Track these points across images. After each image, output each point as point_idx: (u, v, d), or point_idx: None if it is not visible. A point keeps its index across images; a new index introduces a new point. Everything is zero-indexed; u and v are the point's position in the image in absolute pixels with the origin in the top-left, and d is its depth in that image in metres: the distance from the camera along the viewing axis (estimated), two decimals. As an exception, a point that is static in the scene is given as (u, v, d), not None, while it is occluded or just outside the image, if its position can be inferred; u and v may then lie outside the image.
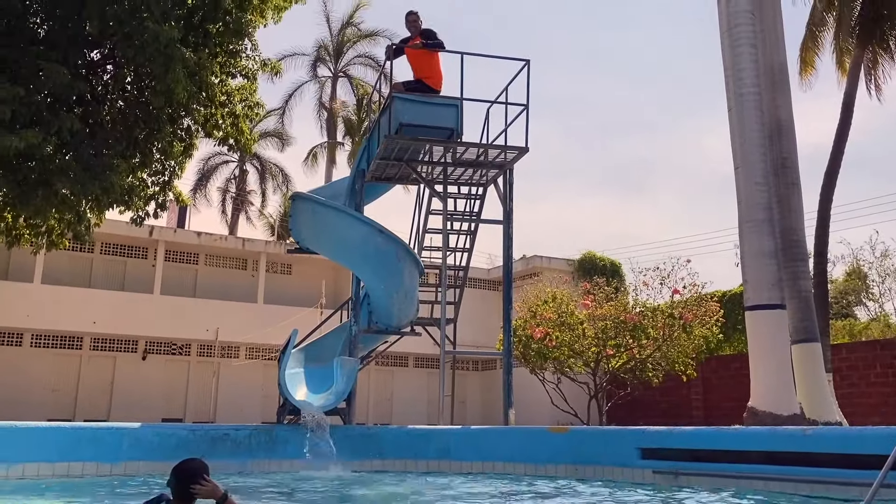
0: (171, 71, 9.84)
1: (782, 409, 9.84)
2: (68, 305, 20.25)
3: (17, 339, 20.66)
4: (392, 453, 8.18)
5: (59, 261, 20.51)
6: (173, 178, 13.15)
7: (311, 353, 10.21)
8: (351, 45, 32.90)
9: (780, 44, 12.62)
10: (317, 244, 9.64)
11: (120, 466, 7.16)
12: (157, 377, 22.07)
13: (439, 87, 9.58)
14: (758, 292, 10.27)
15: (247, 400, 21.98)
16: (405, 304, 9.51)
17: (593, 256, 25.08)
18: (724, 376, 20.29)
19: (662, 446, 6.60)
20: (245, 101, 12.84)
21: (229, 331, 22.10)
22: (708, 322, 14.77)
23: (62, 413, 20.29)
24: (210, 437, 7.67)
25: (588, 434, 7.64)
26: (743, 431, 6.26)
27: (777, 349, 10.03)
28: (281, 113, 32.89)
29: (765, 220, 10.47)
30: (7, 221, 12.42)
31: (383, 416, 24.24)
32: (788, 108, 12.56)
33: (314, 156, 33.27)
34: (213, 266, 24.14)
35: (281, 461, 7.89)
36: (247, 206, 34.77)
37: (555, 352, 14.78)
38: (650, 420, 20.86)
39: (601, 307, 14.89)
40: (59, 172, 9.76)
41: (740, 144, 10.74)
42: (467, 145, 9.41)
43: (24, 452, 6.90)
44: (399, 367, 25.37)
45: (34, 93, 9.37)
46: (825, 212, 16.83)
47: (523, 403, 20.48)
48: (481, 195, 10.49)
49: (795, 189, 12.34)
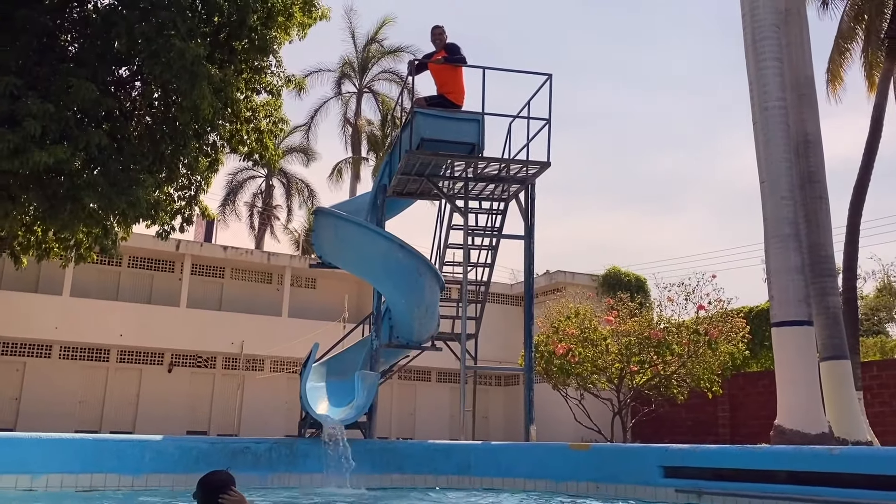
0: (196, 87, 10.00)
1: (810, 427, 9.66)
2: (96, 318, 20.55)
3: (46, 351, 20.99)
4: (411, 468, 8.13)
5: (88, 274, 20.84)
6: (199, 193, 13.33)
7: (333, 366, 10.23)
8: (376, 62, 33.19)
9: (807, 57, 12.50)
10: (338, 259, 9.67)
11: (142, 479, 7.19)
12: (182, 390, 22.28)
13: (461, 102, 9.60)
14: (784, 308, 10.12)
15: (271, 413, 22.10)
16: (426, 319, 9.50)
17: (618, 272, 24.92)
18: (751, 393, 19.97)
19: (685, 464, 6.49)
20: (270, 116, 13.01)
21: (254, 344, 22.27)
22: (734, 338, 14.56)
23: (89, 424, 20.54)
24: (230, 451, 7.69)
25: (609, 451, 7.54)
26: (767, 450, 6.14)
27: (804, 366, 9.85)
28: (306, 129, 33.25)
29: (791, 234, 10.32)
30: (37, 235, 12.67)
31: (406, 430, 24.20)
32: (815, 122, 12.42)
33: (339, 171, 33.54)
34: (239, 280, 24.37)
35: (301, 475, 7.88)
36: (273, 220, 35.10)
37: (578, 368, 14.66)
38: (676, 437, 20.58)
39: (625, 323, 14.75)
40: (86, 187, 9.94)
41: (765, 158, 10.63)
42: (488, 160, 9.40)
43: (48, 463, 6.96)
44: (422, 382, 25.34)
45: (63, 109, 9.56)
46: (854, 226, 16.56)
47: (547, 420, 20.40)
48: (503, 210, 10.47)
49: (823, 203, 12.16)
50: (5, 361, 20.51)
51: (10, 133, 9.12)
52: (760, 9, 10.90)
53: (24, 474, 6.80)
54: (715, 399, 17.92)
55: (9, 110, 9.32)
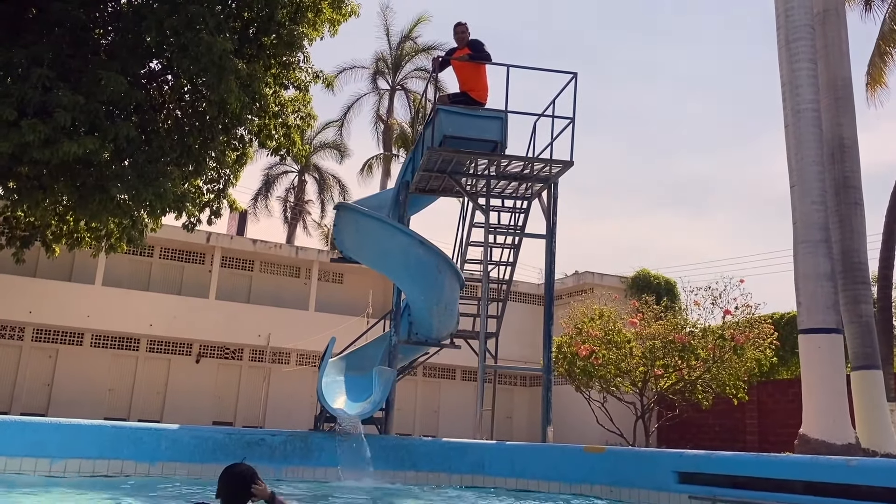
0: (224, 82, 10.10)
1: (836, 437, 9.43)
2: (127, 307, 20.90)
3: (78, 339, 21.40)
4: (426, 465, 8.12)
5: (120, 264, 21.20)
6: (228, 186, 13.47)
7: (352, 361, 10.27)
8: (409, 59, 33.20)
9: (845, 59, 12.20)
10: (359, 254, 9.69)
11: (157, 467, 7.29)
12: (209, 380, 22.56)
13: (485, 99, 9.55)
14: (812, 315, 9.90)
15: (295, 405, 22.26)
16: (445, 317, 9.48)
17: (647, 274, 24.64)
18: (780, 401, 19.58)
19: (700, 471, 6.38)
20: (298, 112, 13.09)
21: (281, 337, 22.45)
22: (761, 345, 14.29)
23: (117, 412, 20.90)
24: (246, 442, 7.75)
25: (624, 455, 7.43)
26: (784, 459, 6.00)
27: (832, 375, 9.63)
28: (339, 125, 33.41)
29: (821, 240, 10.09)
30: (68, 224, 12.92)
31: (430, 427, 24.21)
32: (852, 126, 12.12)
33: (369, 167, 33.65)
34: (268, 273, 24.59)
35: (315, 468, 7.91)
36: (305, 215, 35.34)
37: (601, 370, 14.51)
38: (702, 443, 20.28)
39: (649, 326, 14.57)
40: (114, 178, 10.10)
41: (796, 162, 10.40)
42: (511, 158, 9.34)
43: (67, 449, 7.09)
44: (446, 380, 25.33)
45: (94, 101, 9.72)
46: (891, 233, 16.19)
47: (569, 422, 20.28)
48: (525, 209, 10.40)
49: (858, 209, 11.87)
50: (39, 348, 20.96)
51: (42, 124, 9.30)
52: (795, 9, 10.68)
53: (44, 458, 6.94)
54: (743, 406, 17.60)
55: (41, 101, 9.51)
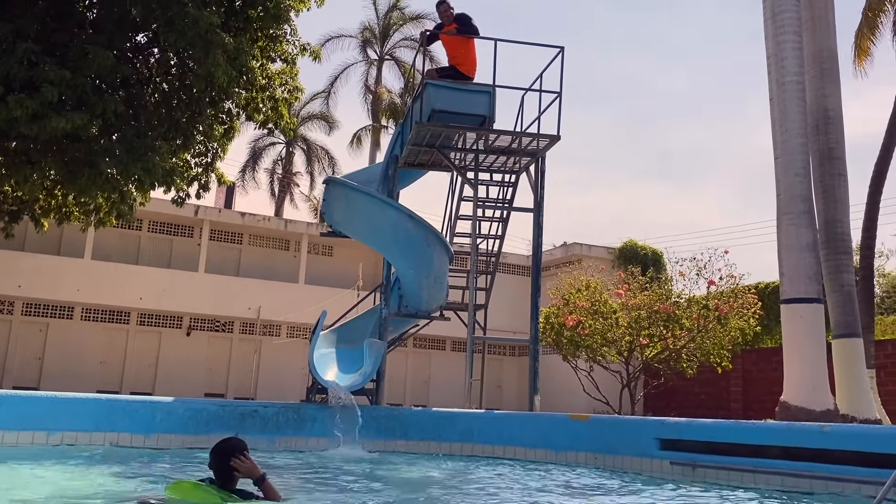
0: (211, 55, 10.05)
1: (815, 404, 9.69)
2: (116, 281, 20.94)
3: (68, 313, 21.45)
4: (416, 435, 8.32)
5: (109, 238, 21.18)
6: (216, 160, 13.46)
7: (343, 334, 10.41)
8: (397, 28, 32.93)
9: (831, 31, 12.27)
10: (349, 228, 9.79)
11: (153, 438, 7.44)
12: (200, 353, 22.70)
13: (473, 73, 9.59)
14: (794, 285, 10.10)
15: (287, 377, 22.45)
16: (434, 289, 9.62)
17: (634, 245, 24.84)
18: (764, 369, 19.95)
19: (681, 438, 6.59)
20: (285, 85, 13.04)
21: (271, 310, 22.58)
22: (745, 314, 14.54)
23: (110, 385, 21.04)
24: (239, 414, 7.91)
25: (608, 423, 7.65)
26: (760, 426, 6.21)
27: (812, 344, 9.86)
28: (326, 96, 33.17)
29: (804, 212, 10.26)
30: (57, 199, 12.91)
31: (420, 397, 24.51)
32: (837, 97, 12.23)
33: (358, 139, 33.51)
34: (257, 246, 24.62)
35: (308, 439, 8.09)
36: (292, 187, 35.22)
37: (587, 340, 14.74)
38: (687, 411, 20.65)
39: (635, 297, 14.78)
40: (103, 153, 10.09)
41: (781, 134, 10.53)
42: (498, 133, 9.42)
43: (63, 421, 7.22)
44: (437, 350, 25.58)
45: (80, 75, 9.67)
46: (874, 204, 16.35)
47: (557, 390, 20.58)
48: (513, 182, 10.50)
49: (842, 180, 12.03)
50: (29, 322, 21.00)
51: (29, 99, 9.26)
52: (781, -19, 10.71)
53: (41, 431, 7.08)
54: (728, 374, 17.92)
55: (27, 76, 9.46)
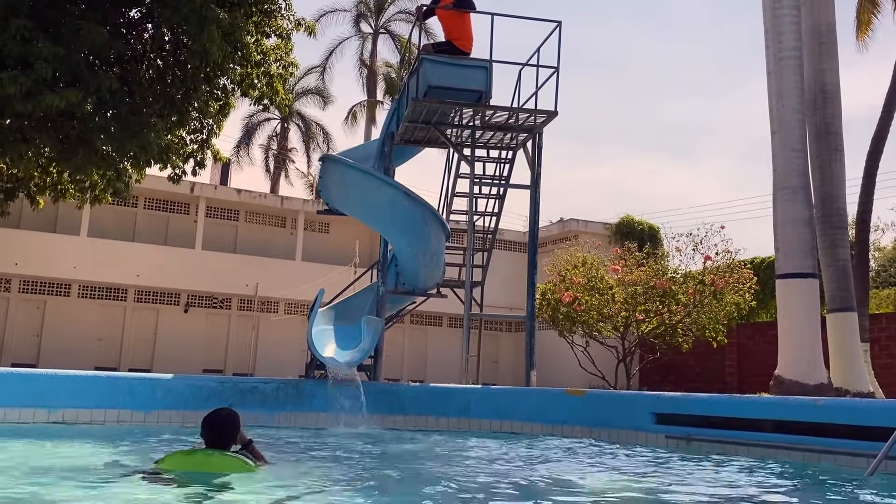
0: (205, 31, 9.96)
1: (809, 378, 9.80)
2: (113, 258, 20.94)
3: (65, 290, 21.47)
4: (413, 410, 8.39)
5: (104, 215, 21.14)
6: (211, 137, 13.40)
7: (340, 311, 10.45)
8: (392, 1, 32.59)
9: (830, 5, 12.22)
10: (345, 206, 9.79)
11: (153, 415, 7.50)
12: (198, 330, 22.78)
13: (469, 48, 9.53)
14: (789, 260, 10.16)
15: (285, 353, 22.56)
16: (431, 267, 9.65)
17: (631, 220, 24.88)
18: (760, 343, 20.09)
19: (676, 412, 6.68)
20: (280, 60, 12.94)
21: (268, 286, 22.63)
22: (740, 289, 14.62)
23: (108, 362, 21.13)
24: (239, 390, 7.96)
25: (604, 398, 7.74)
26: (755, 400, 6.30)
27: (806, 318, 9.94)
28: (321, 70, 32.86)
29: (800, 187, 10.29)
30: (52, 177, 12.86)
31: (417, 373, 24.67)
32: (835, 72, 12.20)
33: (353, 115, 33.31)
34: (253, 223, 24.61)
35: (307, 414, 8.15)
36: (287, 164, 35.05)
37: (584, 316, 14.83)
38: (683, 385, 20.81)
39: (631, 272, 14.84)
40: (98, 130, 10.04)
41: (777, 110, 10.52)
42: (495, 109, 9.39)
43: (64, 399, 7.27)
44: (433, 327, 25.70)
45: (74, 52, 9.59)
46: (870, 178, 16.37)
47: (553, 365, 20.73)
48: (510, 159, 10.48)
49: (838, 155, 12.05)
50: (26, 299, 21.03)
51: (23, 76, 9.18)
52: (779, -46, 10.63)
53: (42, 408, 7.13)
54: (723, 348, 18.06)
55: (20, 53, 9.37)
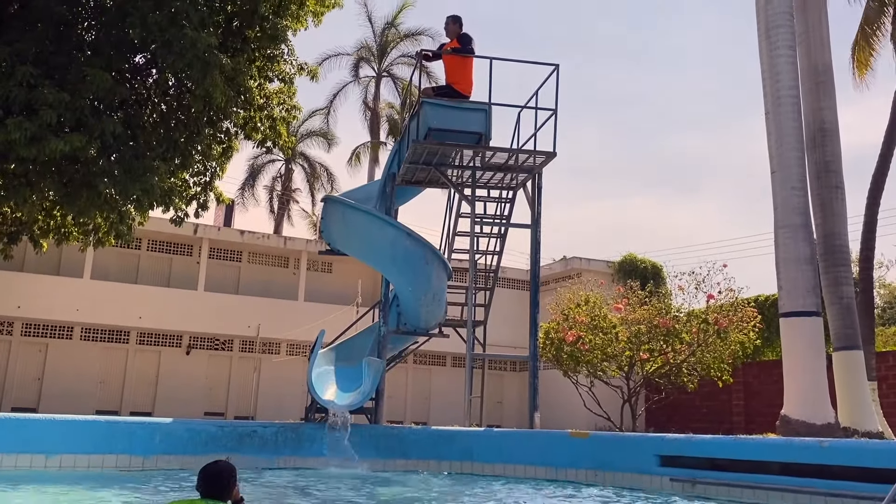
0: (209, 76, 10.12)
1: (816, 418, 9.67)
2: (116, 300, 20.94)
3: (67, 333, 21.42)
4: (415, 454, 8.28)
5: (108, 257, 21.20)
6: (214, 179, 13.50)
7: (341, 352, 10.40)
8: (395, 46, 33.07)
9: (826, 45, 12.36)
10: (347, 246, 9.80)
11: (152, 460, 7.41)
12: (200, 372, 22.65)
13: (468, 92, 9.65)
14: (793, 299, 10.11)
15: (287, 395, 22.39)
16: (433, 307, 9.62)
17: (634, 258, 24.86)
18: (766, 382, 19.90)
19: (680, 454, 6.58)
20: (283, 104, 13.12)
21: (271, 327, 22.55)
22: (744, 327, 14.54)
23: (109, 405, 20.98)
24: (238, 434, 7.89)
25: (608, 440, 7.63)
26: (760, 441, 6.21)
27: (812, 357, 9.85)
28: (325, 113, 33.25)
29: (801, 225, 10.28)
30: (56, 220, 12.94)
31: (421, 414, 24.42)
32: (833, 110, 12.30)
33: (357, 156, 33.59)
34: (256, 264, 24.63)
35: (306, 458, 8.06)
36: (291, 204, 35.25)
37: (588, 355, 14.72)
38: (690, 425, 20.57)
39: (635, 311, 14.78)
40: (101, 174, 10.14)
41: (777, 149, 10.57)
42: (495, 150, 9.47)
43: (62, 444, 7.19)
44: (437, 366, 25.53)
45: (79, 97, 9.73)
46: (872, 215, 16.38)
47: (558, 406, 20.51)
48: (511, 199, 10.53)
49: (839, 193, 12.07)
50: (28, 342, 20.97)
51: (28, 122, 9.31)
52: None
53: (39, 454, 7.04)
54: (729, 387, 17.88)
55: (26, 99, 9.51)
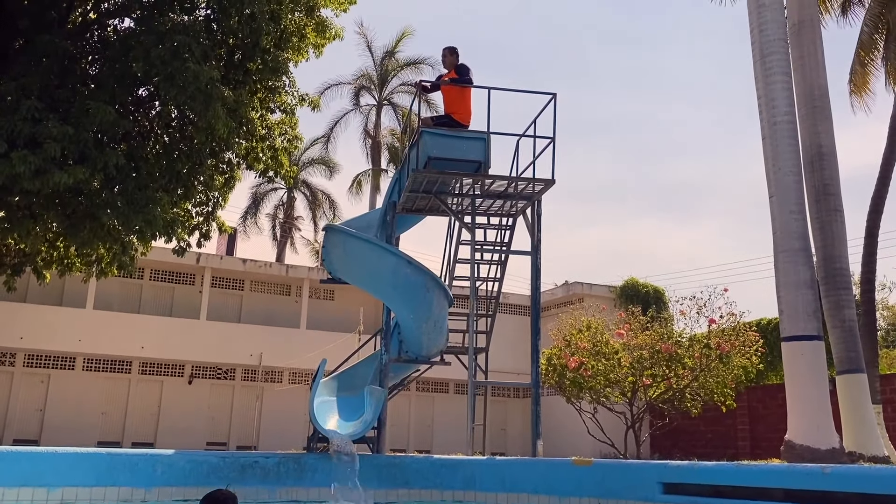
0: (211, 108, 10.27)
1: (820, 442, 9.63)
2: (118, 330, 20.95)
3: (70, 363, 21.41)
4: (418, 483, 8.23)
5: (110, 287, 21.26)
6: (216, 209, 13.62)
7: (343, 381, 10.37)
8: (395, 74, 33.42)
9: (821, 69, 12.48)
10: (348, 275, 9.82)
11: (153, 492, 7.38)
12: (202, 401, 22.59)
13: (467, 121, 9.76)
14: (794, 323, 10.11)
15: (289, 424, 22.31)
16: (434, 334, 9.62)
17: (635, 283, 24.86)
18: (770, 406, 19.80)
19: (684, 481, 6.54)
20: (284, 134, 13.27)
21: (273, 356, 22.54)
22: (747, 352, 14.52)
23: (111, 435, 20.90)
24: (240, 465, 7.85)
25: (611, 467, 7.58)
26: (762, 468, 6.19)
27: (814, 381, 9.84)
28: (325, 141, 33.53)
29: (800, 249, 10.32)
30: (59, 251, 13.02)
31: (424, 442, 24.29)
32: (830, 134, 12.39)
33: (359, 183, 33.80)
34: (258, 292, 24.67)
35: (309, 489, 8.01)
36: (294, 232, 35.40)
37: (590, 381, 14.68)
38: (694, 450, 20.44)
39: (636, 337, 14.76)
40: (104, 206, 10.24)
41: (774, 173, 10.65)
42: (494, 178, 9.54)
43: (63, 477, 7.17)
44: (440, 394, 25.43)
45: (83, 131, 9.86)
46: (872, 238, 16.43)
47: (562, 433, 20.40)
48: (511, 226, 10.58)
49: (838, 216, 12.12)
50: (30, 373, 20.95)
51: (32, 155, 9.43)
52: (768, 24, 10.95)
53: (41, 487, 7.01)
54: (734, 412, 17.78)
55: (30, 133, 9.64)
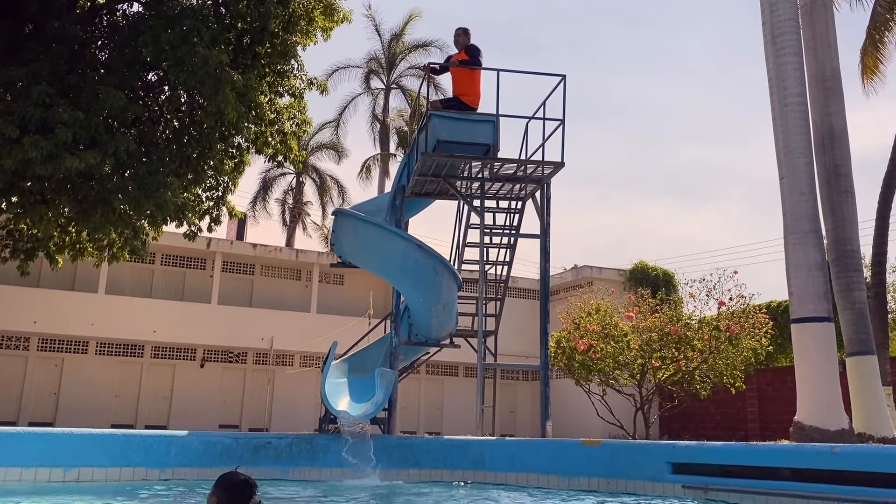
0: (220, 93, 10.28)
1: (830, 424, 9.65)
2: (130, 315, 21.13)
3: (83, 348, 21.63)
4: (428, 463, 8.33)
5: (122, 272, 21.42)
6: (226, 194, 13.67)
7: (354, 363, 10.48)
8: (403, 57, 33.26)
9: (833, 50, 12.38)
10: (358, 258, 9.89)
11: (168, 472, 7.50)
12: (214, 385, 22.79)
13: (476, 104, 9.74)
14: (803, 305, 10.12)
15: (301, 407, 22.50)
16: (444, 317, 9.68)
17: (645, 266, 24.83)
18: (780, 388, 19.82)
19: (692, 461, 6.60)
20: (293, 118, 13.28)
21: (284, 340, 22.69)
22: (756, 334, 14.52)
23: (124, 419, 21.14)
24: (253, 446, 7.96)
25: (619, 448, 7.64)
26: (771, 447, 6.23)
27: (824, 363, 9.85)
28: (335, 125, 33.48)
29: (811, 231, 10.30)
30: (71, 236, 13.13)
31: (434, 424, 24.44)
32: (841, 115, 12.30)
33: (367, 168, 33.75)
34: (269, 276, 24.79)
35: (321, 469, 8.12)
36: (303, 217, 35.47)
37: (599, 364, 14.73)
38: (704, 432, 20.50)
39: (646, 319, 14.78)
40: (115, 191, 10.31)
41: (785, 155, 10.61)
42: (503, 161, 9.55)
43: (79, 457, 7.30)
44: (449, 377, 25.56)
45: (93, 116, 9.91)
46: (884, 219, 16.32)
47: (571, 415, 20.50)
48: (520, 209, 10.59)
49: (849, 197, 12.06)
50: (44, 358, 21.18)
51: (44, 140, 9.50)
52: (780, 3, 10.86)
53: (57, 468, 7.16)
54: (743, 394, 17.81)
55: (42, 118, 9.70)
